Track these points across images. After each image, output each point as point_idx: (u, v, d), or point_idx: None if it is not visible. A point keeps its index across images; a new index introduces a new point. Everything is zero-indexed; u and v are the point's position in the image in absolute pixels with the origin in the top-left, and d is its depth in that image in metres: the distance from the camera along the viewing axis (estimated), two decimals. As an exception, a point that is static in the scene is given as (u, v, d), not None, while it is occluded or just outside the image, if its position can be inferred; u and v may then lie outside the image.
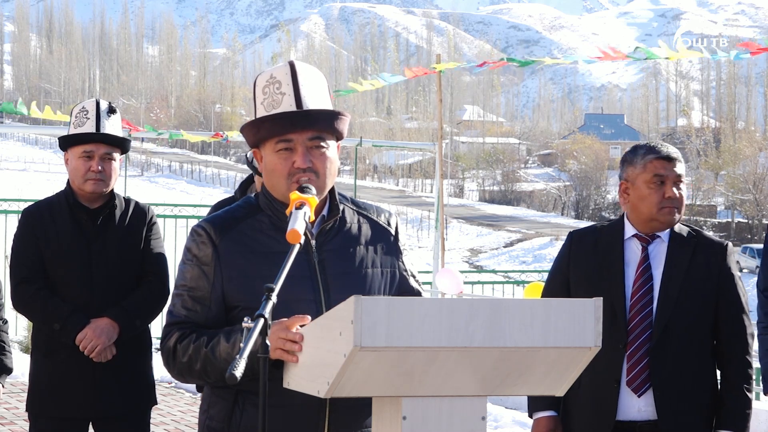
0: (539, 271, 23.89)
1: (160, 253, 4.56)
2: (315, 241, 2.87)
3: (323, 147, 2.85)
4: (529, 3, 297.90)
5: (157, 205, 13.39)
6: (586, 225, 4.67)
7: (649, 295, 3.73)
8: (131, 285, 4.46)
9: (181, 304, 2.85)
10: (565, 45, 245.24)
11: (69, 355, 4.35)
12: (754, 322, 4.68)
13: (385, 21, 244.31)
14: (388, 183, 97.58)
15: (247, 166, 4.82)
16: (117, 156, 4.47)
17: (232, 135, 15.11)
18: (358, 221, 2.97)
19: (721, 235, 62.90)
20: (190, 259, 2.87)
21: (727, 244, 3.85)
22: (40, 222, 4.43)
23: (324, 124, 2.84)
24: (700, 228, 3.94)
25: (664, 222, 3.76)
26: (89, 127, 4.39)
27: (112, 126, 4.45)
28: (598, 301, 2.55)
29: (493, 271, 30.29)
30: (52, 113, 12.86)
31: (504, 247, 62.87)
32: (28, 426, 4.56)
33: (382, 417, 2.55)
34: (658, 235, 3.80)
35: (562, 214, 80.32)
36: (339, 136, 2.91)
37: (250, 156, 4.84)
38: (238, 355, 2.33)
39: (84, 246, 4.40)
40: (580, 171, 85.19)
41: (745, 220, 68.75)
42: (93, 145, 4.40)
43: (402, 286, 2.97)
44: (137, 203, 4.59)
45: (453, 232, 64.08)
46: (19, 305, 4.47)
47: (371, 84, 13.57)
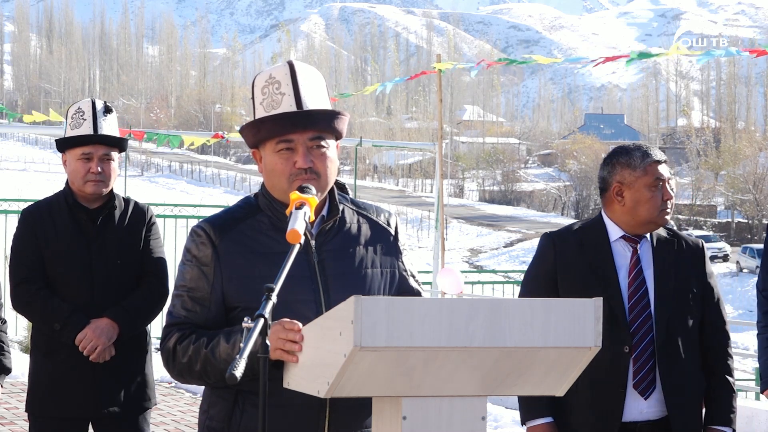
0: (539, 271, 23.84)
1: (159, 253, 4.56)
2: (315, 242, 2.87)
3: (324, 147, 2.85)
4: (529, 3, 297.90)
5: (157, 205, 13.40)
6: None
7: (645, 298, 3.73)
8: (131, 285, 4.46)
9: (181, 305, 2.85)
10: (565, 45, 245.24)
11: (69, 355, 4.35)
12: (753, 321, 4.70)
13: (385, 21, 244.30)
14: (388, 183, 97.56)
15: None
16: (115, 156, 4.47)
17: (230, 136, 15.12)
18: (358, 221, 2.97)
19: (722, 235, 63.04)
20: (190, 260, 2.86)
21: (703, 244, 3.92)
22: (40, 222, 4.43)
23: (324, 124, 2.84)
24: (678, 228, 3.96)
25: (662, 224, 3.78)
26: (86, 128, 4.39)
27: (109, 126, 4.44)
28: (598, 301, 2.55)
29: (493, 271, 30.30)
30: (53, 115, 12.86)
31: (504, 247, 62.87)
32: (27, 426, 4.56)
33: (382, 417, 2.55)
34: (644, 236, 3.82)
35: (562, 214, 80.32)
36: (338, 136, 2.91)
37: None
38: (238, 355, 2.33)
39: (84, 246, 4.40)
40: (580, 171, 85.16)
41: (745, 220, 68.73)
42: (91, 146, 4.39)
43: (402, 286, 2.97)
44: (137, 203, 4.59)
45: (453, 232, 64.07)
46: (19, 305, 4.46)
47: (376, 88, 13.60)
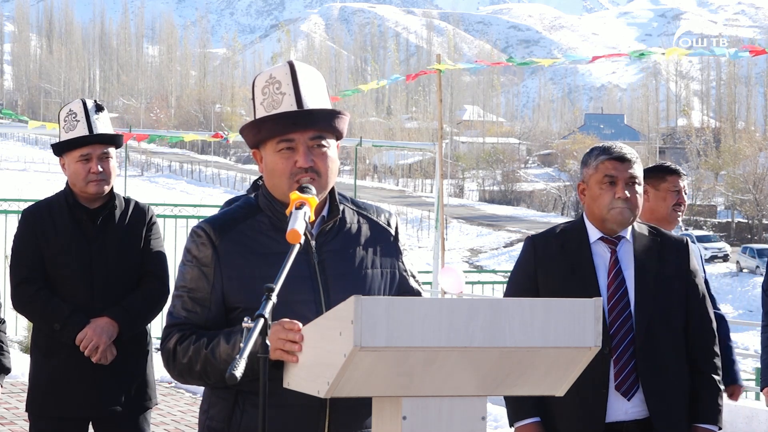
0: (539, 271, 23.84)
1: (159, 253, 4.56)
2: (315, 242, 2.87)
3: (324, 146, 2.85)
4: (529, 3, 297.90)
5: (157, 205, 13.39)
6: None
7: (625, 299, 3.73)
8: (131, 285, 4.46)
9: (181, 306, 2.85)
10: (565, 45, 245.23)
11: (69, 355, 4.35)
12: (753, 321, 4.70)
13: (385, 21, 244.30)
14: (388, 183, 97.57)
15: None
16: (113, 153, 4.47)
17: (232, 137, 15.12)
18: (358, 221, 2.97)
19: (722, 235, 62.99)
20: (190, 260, 2.86)
21: (687, 241, 3.88)
22: (40, 222, 4.43)
23: (325, 123, 2.84)
24: (677, 229, 3.96)
25: (615, 222, 3.75)
26: (81, 129, 4.39)
27: (103, 124, 4.45)
28: (597, 301, 2.55)
29: (493, 271, 30.29)
30: (51, 123, 12.87)
31: (504, 247, 62.86)
32: (28, 426, 4.56)
33: (382, 417, 2.55)
34: (623, 236, 3.81)
35: (562, 214, 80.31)
36: (339, 136, 2.91)
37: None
38: (238, 355, 2.33)
39: (84, 246, 4.40)
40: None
41: (745, 220, 68.73)
42: (89, 147, 4.40)
43: (402, 287, 2.97)
44: (137, 203, 4.59)
45: (453, 232, 64.07)
46: (19, 305, 4.46)
47: (375, 84, 13.63)
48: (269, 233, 2.86)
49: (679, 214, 4.90)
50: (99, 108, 4.45)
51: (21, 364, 7.66)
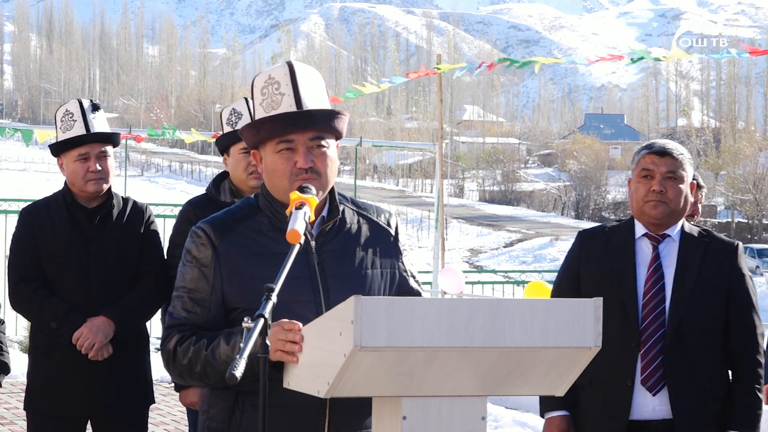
0: (539, 271, 23.89)
1: (157, 252, 4.58)
2: (315, 242, 2.86)
3: (324, 147, 2.85)
4: (529, 3, 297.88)
5: (157, 205, 13.40)
6: (586, 225, 4.67)
7: (661, 294, 3.73)
8: (129, 284, 4.48)
9: (181, 306, 2.85)
10: (565, 45, 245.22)
11: (67, 354, 4.36)
12: (766, 322, 4.69)
13: (385, 21, 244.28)
14: (388, 183, 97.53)
15: (217, 146, 4.81)
16: (111, 151, 4.49)
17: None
18: (358, 222, 2.97)
19: (723, 235, 62.81)
20: (190, 261, 2.86)
21: (738, 244, 3.85)
22: (38, 221, 4.44)
23: (324, 123, 2.84)
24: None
25: (651, 216, 3.76)
26: (79, 129, 4.41)
27: (100, 123, 4.47)
28: (598, 301, 2.55)
29: (493, 271, 30.30)
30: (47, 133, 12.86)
31: (504, 247, 62.81)
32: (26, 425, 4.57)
33: (382, 417, 2.55)
34: (669, 235, 3.80)
35: (562, 214, 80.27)
36: (338, 135, 2.91)
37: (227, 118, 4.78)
38: (238, 356, 2.33)
39: (82, 245, 4.41)
40: (580, 171, 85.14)
41: (745, 220, 68.70)
42: (87, 146, 4.42)
43: (402, 287, 2.97)
44: (135, 202, 4.60)
45: (453, 232, 64.04)
46: (16, 304, 4.47)
47: (377, 86, 13.61)
48: (269, 233, 2.86)
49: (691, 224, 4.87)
50: (95, 107, 4.47)
51: (21, 364, 7.65)
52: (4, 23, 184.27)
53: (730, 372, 3.84)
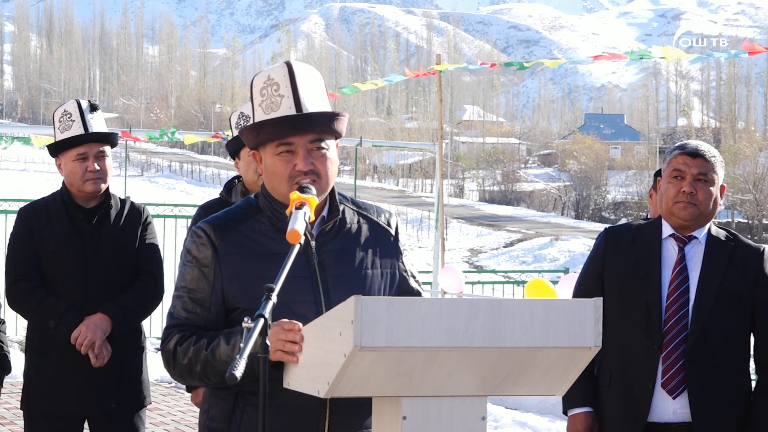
0: (539, 271, 23.89)
1: (154, 253, 4.59)
2: (315, 242, 2.86)
3: (324, 148, 2.85)
4: (529, 3, 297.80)
5: (157, 205, 13.40)
6: (587, 225, 4.66)
7: (685, 296, 3.70)
8: (126, 284, 4.49)
9: (181, 306, 2.85)
10: (565, 45, 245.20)
11: (63, 354, 4.37)
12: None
13: (385, 21, 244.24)
14: (388, 183, 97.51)
15: (227, 148, 4.84)
16: (109, 151, 4.51)
17: (230, 135, 15.09)
18: (358, 222, 2.97)
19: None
20: (190, 261, 2.86)
21: (764, 249, 3.81)
22: (36, 221, 4.46)
23: (324, 125, 2.84)
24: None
25: (680, 217, 3.73)
26: (77, 129, 4.42)
27: (98, 123, 4.49)
28: (598, 301, 2.55)
29: (493, 271, 30.25)
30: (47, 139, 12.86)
31: (504, 247, 62.79)
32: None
33: (382, 417, 2.55)
34: (695, 237, 3.77)
35: (562, 214, 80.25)
36: (338, 136, 2.91)
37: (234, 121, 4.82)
38: (238, 356, 2.33)
39: (80, 245, 4.42)
40: (580, 171, 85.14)
41: (745, 220, 68.69)
42: (85, 146, 4.43)
43: (402, 287, 2.97)
44: (132, 203, 4.62)
45: (453, 232, 64.04)
46: (14, 303, 4.49)
47: (374, 84, 13.62)
48: (269, 234, 2.86)
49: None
50: (93, 108, 4.49)
51: (21, 364, 7.64)
52: (4, 23, 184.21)
53: (753, 378, 3.83)
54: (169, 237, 12.06)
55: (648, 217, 4.89)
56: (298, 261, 2.65)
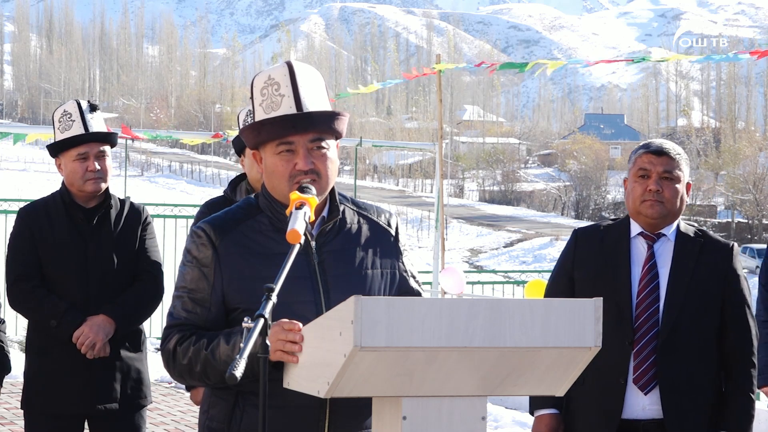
0: (539, 271, 23.88)
1: (154, 252, 4.60)
2: (315, 242, 2.86)
3: (324, 148, 2.84)
4: (529, 3, 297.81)
5: (157, 205, 13.39)
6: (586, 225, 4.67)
7: (655, 293, 3.72)
8: (126, 284, 4.50)
9: (181, 306, 2.85)
10: (565, 45, 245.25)
11: (63, 353, 4.38)
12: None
13: (385, 21, 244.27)
14: (388, 183, 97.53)
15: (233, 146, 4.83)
16: (109, 151, 4.51)
17: (231, 135, 15.11)
18: (359, 222, 2.96)
19: (722, 235, 62.85)
20: (190, 261, 2.86)
21: (732, 245, 3.84)
22: (36, 221, 4.46)
23: (324, 125, 2.84)
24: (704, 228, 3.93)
25: (647, 215, 3.75)
26: (77, 129, 4.43)
27: (98, 123, 4.49)
28: (598, 301, 2.55)
29: (493, 271, 30.27)
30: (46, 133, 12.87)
31: (504, 247, 62.83)
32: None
33: (382, 417, 2.55)
34: (664, 234, 3.80)
35: (562, 214, 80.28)
36: (338, 136, 2.91)
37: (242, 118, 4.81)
38: (238, 356, 2.33)
39: (80, 245, 4.43)
40: (580, 171, 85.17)
41: (745, 220, 68.69)
42: (85, 146, 4.43)
43: (402, 287, 2.96)
44: (132, 203, 4.63)
45: (453, 232, 64.05)
46: (15, 303, 4.49)
47: (373, 86, 13.64)
48: (269, 234, 2.86)
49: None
50: (93, 108, 4.49)
51: (21, 364, 7.64)
52: (4, 23, 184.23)
53: (723, 373, 3.83)
54: (169, 237, 12.06)
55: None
56: (298, 261, 2.65)
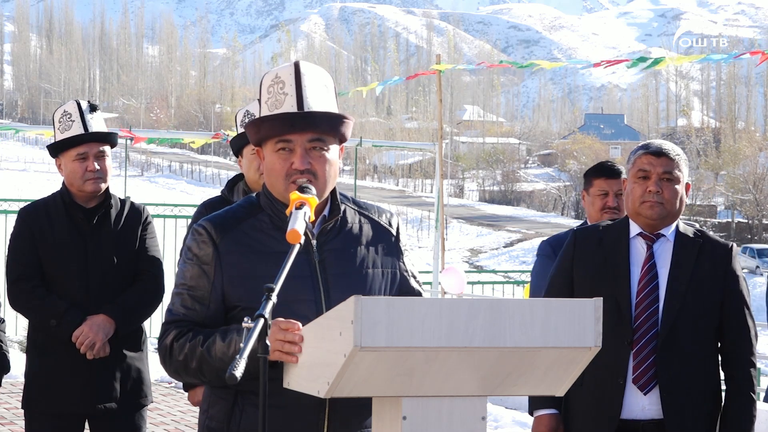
0: (539, 271, 23.80)
1: (155, 252, 4.60)
2: (315, 241, 2.86)
3: (323, 149, 2.84)
4: (529, 3, 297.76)
5: (157, 205, 13.40)
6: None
7: (654, 294, 3.72)
8: (126, 283, 4.50)
9: (180, 303, 2.85)
10: (565, 45, 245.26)
11: (64, 352, 4.38)
12: (764, 321, 4.67)
13: (385, 21, 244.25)
14: (388, 183, 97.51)
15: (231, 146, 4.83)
16: (108, 151, 4.52)
17: (231, 134, 15.11)
18: (359, 221, 2.96)
19: (722, 235, 62.88)
20: (191, 258, 2.86)
21: (732, 246, 3.83)
22: (37, 221, 4.47)
23: (325, 126, 2.83)
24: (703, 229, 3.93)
25: (647, 216, 3.75)
26: (77, 129, 4.43)
27: (97, 123, 4.50)
28: (598, 301, 2.55)
29: (493, 271, 30.28)
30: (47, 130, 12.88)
31: (504, 247, 62.84)
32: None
33: (382, 417, 2.55)
34: (663, 234, 3.80)
35: (562, 214, 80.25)
36: (342, 139, 2.90)
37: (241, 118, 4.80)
38: (238, 356, 2.33)
39: (80, 245, 4.43)
40: (580, 171, 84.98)
41: (745, 220, 68.67)
42: (85, 146, 4.44)
43: (402, 287, 2.97)
44: (132, 203, 4.63)
45: (453, 232, 64.05)
46: (15, 303, 4.49)
47: (372, 86, 13.66)
48: (270, 232, 2.86)
49: (614, 218, 4.86)
50: (93, 108, 4.50)
51: (21, 364, 7.64)
52: (4, 23, 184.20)
53: (722, 373, 3.83)
54: (169, 237, 12.06)
55: (586, 221, 4.95)
56: (298, 260, 2.65)
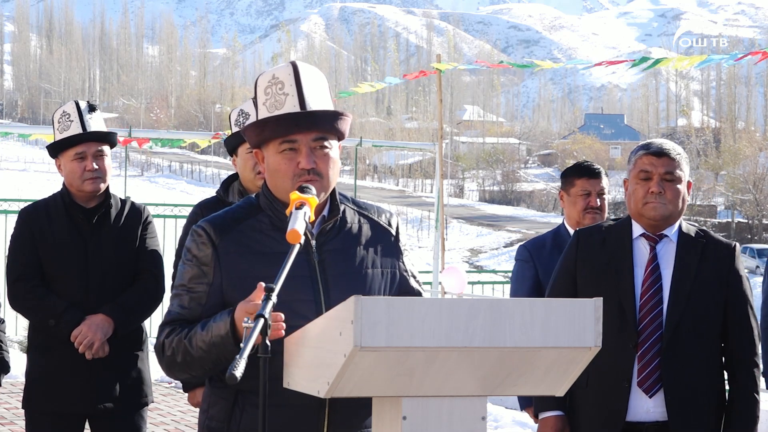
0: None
1: (155, 252, 4.60)
2: (315, 241, 2.86)
3: (327, 147, 2.85)
4: (529, 3, 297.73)
5: (156, 205, 13.39)
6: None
7: (658, 295, 3.71)
8: (126, 283, 4.50)
9: (179, 304, 2.86)
10: (565, 45, 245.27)
11: (64, 352, 4.38)
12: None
13: (385, 21, 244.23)
14: (388, 183, 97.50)
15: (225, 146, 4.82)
16: (107, 151, 4.52)
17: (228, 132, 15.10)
18: (359, 221, 2.96)
19: (722, 235, 62.70)
20: (190, 259, 2.86)
21: (735, 246, 3.82)
22: (37, 221, 4.47)
23: (328, 124, 2.84)
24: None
25: (650, 217, 3.74)
26: (75, 128, 4.44)
27: (96, 123, 4.50)
28: (598, 301, 2.55)
29: (494, 271, 30.25)
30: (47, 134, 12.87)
31: (504, 247, 62.82)
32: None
33: (382, 417, 2.55)
34: (666, 235, 3.78)
35: (562, 215, 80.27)
36: (341, 136, 2.91)
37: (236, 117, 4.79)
38: (238, 356, 2.33)
39: (80, 245, 4.43)
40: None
41: (745, 220, 68.66)
42: (84, 145, 4.45)
43: (402, 287, 2.97)
44: (133, 203, 4.64)
45: (453, 232, 64.05)
46: (15, 302, 4.50)
47: (371, 86, 13.65)
48: (270, 233, 2.86)
49: (596, 218, 4.86)
50: (92, 108, 4.50)
51: (21, 364, 7.65)
52: (4, 23, 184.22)
53: (726, 374, 3.83)
54: (169, 237, 12.04)
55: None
56: (298, 260, 2.65)
